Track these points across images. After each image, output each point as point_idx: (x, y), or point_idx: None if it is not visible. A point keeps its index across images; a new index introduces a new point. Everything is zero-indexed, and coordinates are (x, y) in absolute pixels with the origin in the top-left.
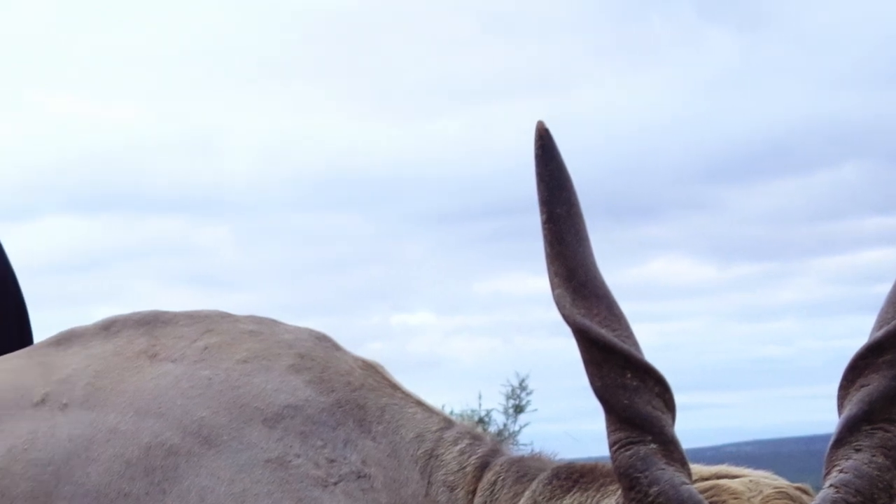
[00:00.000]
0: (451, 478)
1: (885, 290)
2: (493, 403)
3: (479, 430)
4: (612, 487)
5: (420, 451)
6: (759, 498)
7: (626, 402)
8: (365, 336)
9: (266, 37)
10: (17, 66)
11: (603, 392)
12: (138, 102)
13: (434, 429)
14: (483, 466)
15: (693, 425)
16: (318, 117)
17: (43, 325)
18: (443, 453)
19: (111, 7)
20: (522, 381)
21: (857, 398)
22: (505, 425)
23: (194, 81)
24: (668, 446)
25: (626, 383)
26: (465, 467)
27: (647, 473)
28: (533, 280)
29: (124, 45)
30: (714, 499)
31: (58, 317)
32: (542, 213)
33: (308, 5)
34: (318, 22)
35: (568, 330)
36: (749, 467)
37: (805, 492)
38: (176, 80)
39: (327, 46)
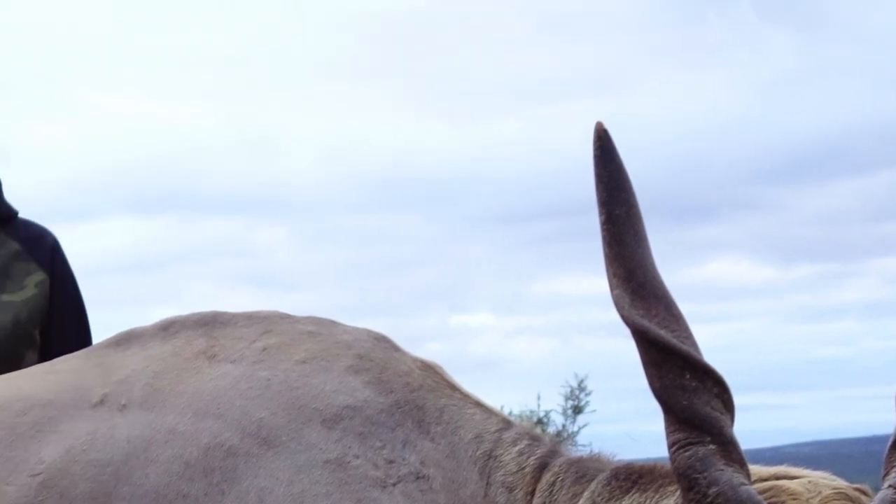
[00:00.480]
0: (510, 479)
1: None
2: (552, 404)
3: (538, 430)
4: (671, 488)
5: (479, 452)
6: (818, 499)
7: (685, 402)
8: (424, 337)
9: (324, 37)
10: (76, 66)
11: (662, 393)
12: (197, 103)
13: (493, 430)
14: (542, 467)
15: (752, 426)
16: (376, 118)
17: (102, 326)
18: (501, 454)
19: (169, 7)
20: (581, 381)
21: None
22: (564, 426)
23: (253, 82)
24: (727, 447)
25: (685, 384)
26: (523, 468)
27: (706, 474)
28: (592, 281)
29: (183, 45)
30: (773, 500)
31: (117, 317)
32: (601, 213)
33: (367, 5)
34: (376, 22)
35: (627, 331)
36: (808, 468)
37: (864, 493)
38: (234, 80)
39: (386, 47)
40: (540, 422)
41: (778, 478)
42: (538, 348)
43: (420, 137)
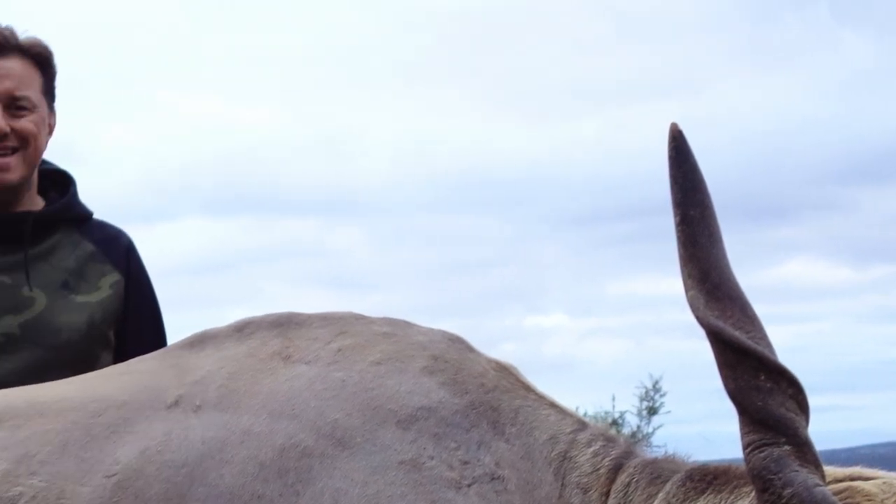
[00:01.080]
0: (585, 479)
1: None
2: (627, 405)
3: (613, 431)
4: (745, 489)
5: (554, 453)
6: (893, 500)
7: (759, 403)
8: (499, 338)
9: (401, 38)
10: (153, 67)
11: (736, 394)
12: (273, 104)
13: (568, 431)
14: (617, 468)
15: (827, 427)
16: (452, 119)
17: (177, 327)
18: (576, 455)
19: (245, 8)
20: (656, 382)
21: None
22: (638, 427)
23: (328, 83)
24: (802, 448)
25: (760, 385)
26: (598, 469)
27: (780, 475)
28: (667, 282)
29: (259, 45)
30: (848, 500)
31: (192, 318)
32: (676, 214)
33: (443, 6)
34: (452, 23)
35: (702, 331)
36: (883, 469)
37: None
38: (310, 81)
39: (461, 47)
40: (614, 423)
41: (853, 479)
42: (613, 349)
43: (496, 138)
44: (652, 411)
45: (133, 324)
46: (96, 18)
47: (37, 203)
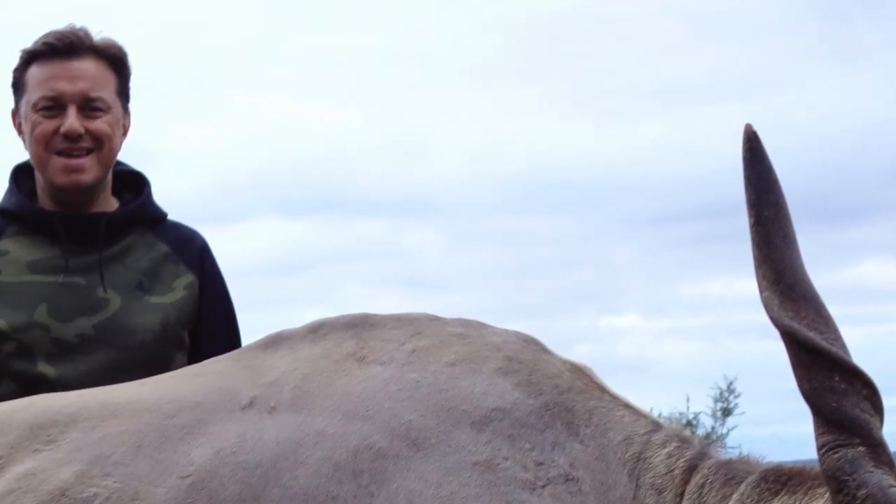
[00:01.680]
0: (659, 481)
1: None
2: (701, 406)
3: (687, 432)
4: (819, 490)
5: (628, 454)
6: None
7: (833, 404)
8: (573, 339)
9: (473, 39)
10: (226, 67)
11: (811, 395)
12: (346, 105)
13: (642, 431)
14: (691, 469)
15: None
16: (525, 120)
17: (251, 328)
18: (651, 456)
19: (318, 9)
20: (730, 383)
21: None
22: (713, 428)
23: (402, 84)
24: (877, 449)
25: (834, 386)
26: (672, 470)
27: (855, 476)
28: (741, 282)
29: (332, 47)
30: None
31: (266, 319)
32: (751, 215)
33: (515, 7)
34: (524, 24)
35: (776, 332)
36: None
37: None
38: (383, 82)
39: (534, 48)
40: (689, 424)
41: None
42: (687, 350)
43: (568, 139)
44: (726, 412)
45: (207, 325)
46: (171, 18)
47: (111, 204)
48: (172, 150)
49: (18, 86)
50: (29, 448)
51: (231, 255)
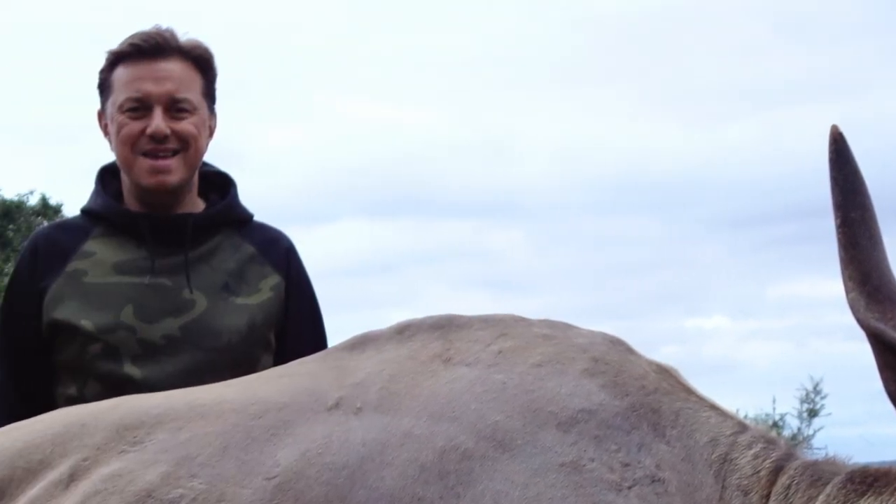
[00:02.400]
0: (745, 482)
1: None
2: (787, 407)
3: (773, 434)
4: None
5: (714, 455)
6: None
7: None
8: (659, 340)
9: (559, 40)
10: (311, 68)
11: None
12: (431, 106)
13: (728, 433)
14: (777, 470)
15: None
16: (610, 121)
17: (337, 329)
18: (737, 457)
19: (404, 9)
20: (816, 384)
21: None
22: (799, 429)
23: (488, 84)
24: None
25: None
26: (759, 471)
27: None
28: (827, 284)
29: (417, 47)
30: None
31: (352, 320)
32: (837, 217)
33: (601, 7)
34: (611, 24)
35: (862, 334)
36: None
37: None
38: (468, 83)
39: (620, 49)
40: (775, 425)
41: None
42: (773, 351)
43: (655, 140)
44: (812, 413)
45: (293, 326)
46: (257, 19)
47: (197, 205)
48: (259, 151)
49: (104, 87)
50: (115, 449)
51: (317, 256)
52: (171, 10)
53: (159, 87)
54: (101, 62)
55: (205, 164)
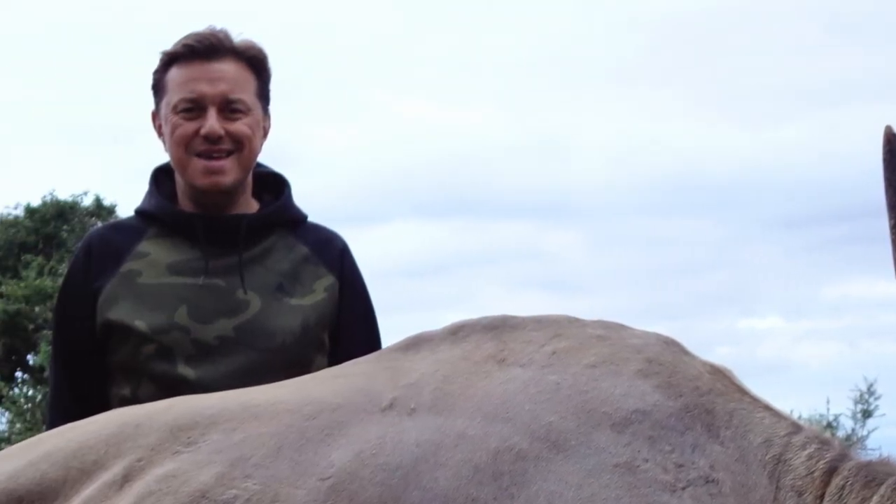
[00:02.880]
0: (799, 483)
1: None
2: (841, 408)
3: (827, 434)
4: None
5: (768, 456)
6: None
7: None
8: (713, 341)
9: (614, 40)
10: (364, 69)
11: None
12: (485, 106)
13: (782, 433)
14: (831, 471)
15: None
16: (666, 121)
17: (392, 330)
18: (791, 458)
19: (458, 9)
20: (871, 385)
21: None
22: (853, 430)
23: (542, 85)
24: None
25: None
26: (812, 472)
27: None
28: (882, 284)
29: (471, 47)
30: None
31: (406, 321)
32: (891, 217)
33: (656, 7)
34: (665, 24)
35: None
36: None
37: None
38: (523, 83)
39: (675, 49)
40: (829, 426)
41: None
42: (827, 352)
43: (709, 141)
44: (866, 414)
45: (347, 327)
46: (310, 18)
47: (251, 206)
48: (313, 152)
49: (158, 88)
50: (169, 450)
51: (371, 256)
52: (225, 11)
53: (213, 87)
54: (155, 63)
55: (259, 165)
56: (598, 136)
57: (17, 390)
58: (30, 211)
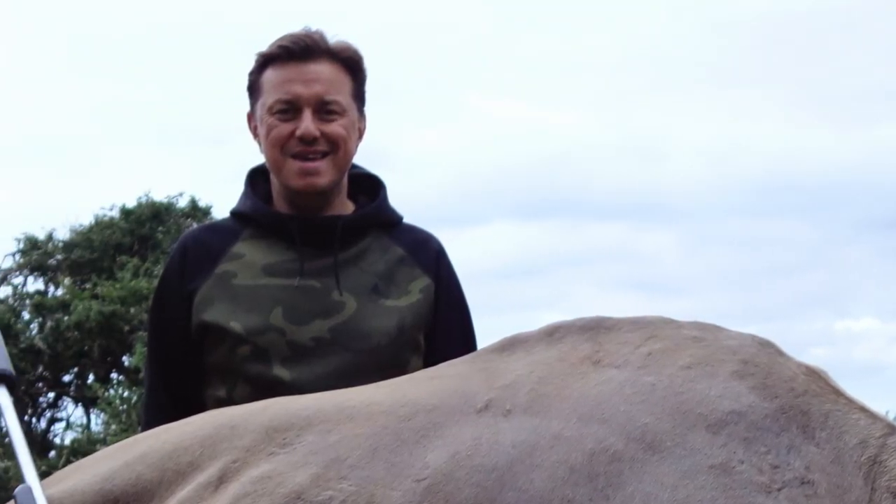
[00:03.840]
0: (895, 484)
1: None
2: None
3: None
4: None
5: (863, 458)
6: None
7: None
8: (808, 342)
9: (708, 42)
10: (459, 70)
11: None
12: (580, 107)
13: (878, 435)
14: None
15: None
16: (760, 123)
17: (487, 331)
18: (886, 459)
19: (551, 10)
20: None
21: None
22: None
23: (636, 86)
24: None
25: None
26: None
27: None
28: None
29: (565, 49)
30: None
31: (502, 322)
32: None
33: (750, 9)
34: (760, 25)
35: None
36: None
37: None
38: (617, 85)
39: (768, 50)
40: None
41: None
42: None
43: (804, 142)
44: None
45: (442, 328)
46: (405, 19)
47: (347, 207)
48: (408, 153)
49: (254, 89)
50: (264, 451)
51: (466, 258)
52: (318, 11)
53: (309, 89)
54: (249, 64)
55: (354, 167)
56: (692, 137)
57: (112, 392)
58: (125, 212)
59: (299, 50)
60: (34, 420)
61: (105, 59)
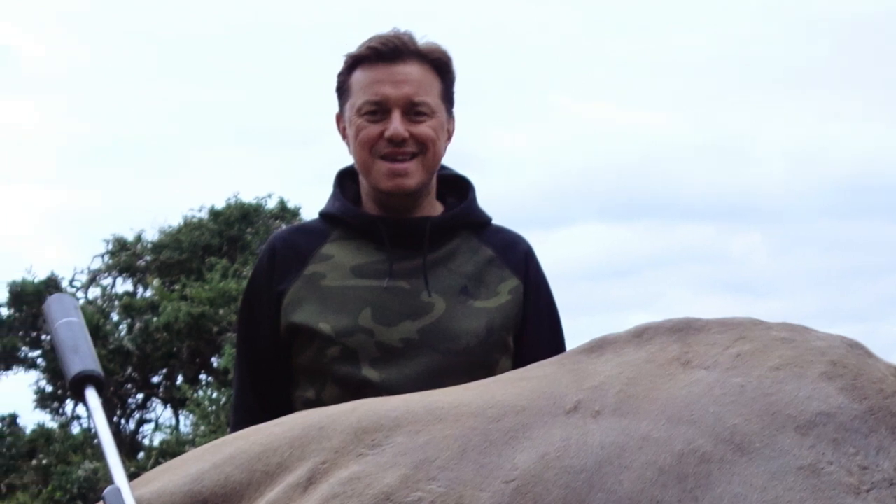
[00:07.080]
0: None
1: None
2: None
3: None
4: None
5: None
6: None
7: None
8: None
9: (795, 44)
10: (546, 72)
11: None
12: (668, 108)
13: None
14: None
15: None
16: (848, 124)
17: (576, 332)
18: None
19: (638, 11)
20: None
21: None
22: None
23: (725, 87)
24: None
25: None
26: None
27: None
28: None
29: (652, 49)
30: None
31: (590, 324)
32: None
33: (839, 9)
34: (849, 26)
35: None
36: None
37: None
38: (706, 85)
39: (855, 51)
40: None
41: None
42: None
43: (891, 142)
44: None
45: (531, 329)
46: (494, 20)
47: (436, 209)
48: (497, 155)
49: (343, 90)
50: (354, 452)
51: (555, 259)
52: (407, 11)
53: (398, 90)
54: (338, 65)
55: (443, 168)
56: (780, 138)
57: (201, 393)
58: (214, 213)
59: (388, 51)
60: (123, 421)
61: (193, 62)
